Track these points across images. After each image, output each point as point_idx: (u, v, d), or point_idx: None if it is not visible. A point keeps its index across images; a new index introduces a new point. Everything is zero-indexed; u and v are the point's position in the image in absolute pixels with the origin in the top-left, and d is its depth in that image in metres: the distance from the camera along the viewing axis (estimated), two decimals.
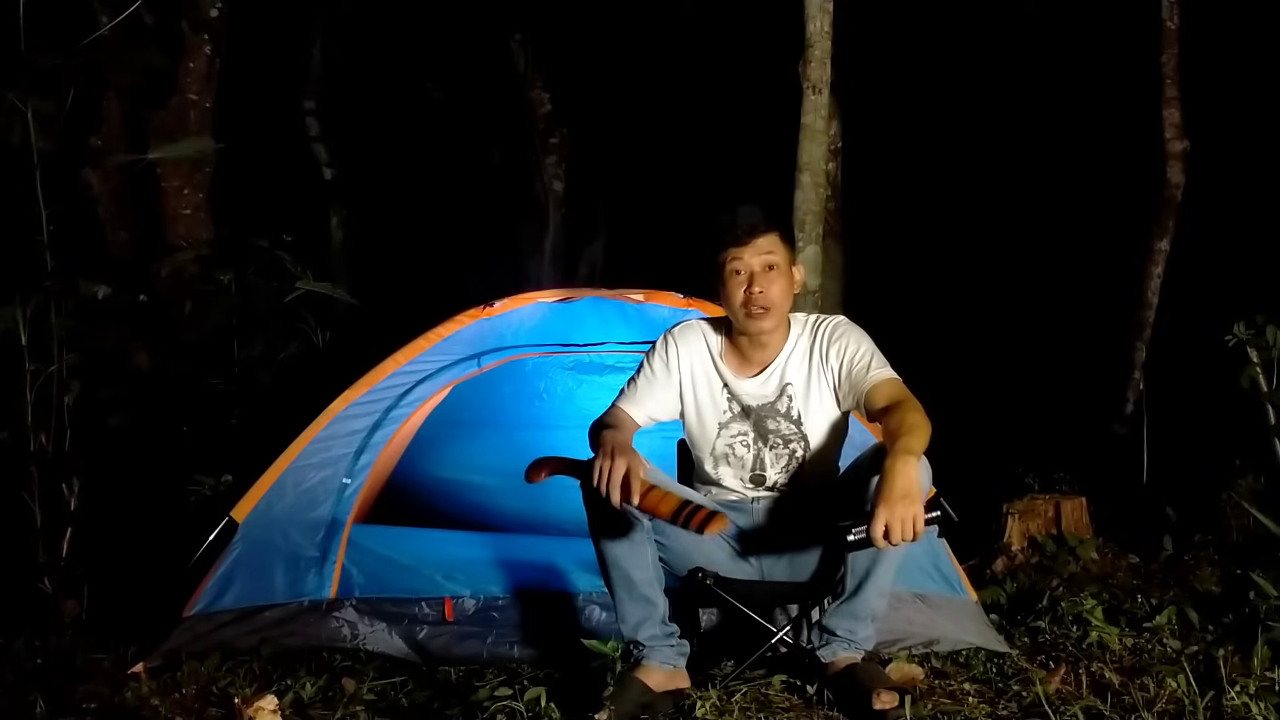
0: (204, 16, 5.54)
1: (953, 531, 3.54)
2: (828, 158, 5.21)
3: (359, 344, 4.52)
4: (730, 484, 2.91)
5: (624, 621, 2.77)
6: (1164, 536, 4.52)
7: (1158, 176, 6.58)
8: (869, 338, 2.82)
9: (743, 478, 2.89)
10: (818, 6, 4.86)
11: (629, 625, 2.76)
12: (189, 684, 2.91)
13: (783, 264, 2.74)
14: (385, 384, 3.52)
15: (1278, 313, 4.18)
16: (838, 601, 2.80)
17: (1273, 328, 4.13)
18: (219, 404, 4.85)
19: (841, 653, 2.80)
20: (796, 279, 2.79)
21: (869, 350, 2.78)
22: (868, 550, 2.49)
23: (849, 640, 2.80)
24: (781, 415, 2.83)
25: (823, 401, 2.82)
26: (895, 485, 2.35)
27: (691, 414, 2.89)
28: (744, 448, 2.86)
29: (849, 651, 2.80)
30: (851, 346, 2.78)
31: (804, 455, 2.85)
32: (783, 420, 2.83)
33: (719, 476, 2.91)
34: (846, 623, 2.79)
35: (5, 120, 3.78)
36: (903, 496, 2.33)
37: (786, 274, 2.74)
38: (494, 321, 3.65)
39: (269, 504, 3.34)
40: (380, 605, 3.29)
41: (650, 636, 2.76)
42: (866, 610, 2.78)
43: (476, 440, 4.32)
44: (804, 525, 2.84)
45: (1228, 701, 2.66)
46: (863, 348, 2.78)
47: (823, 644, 2.82)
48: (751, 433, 2.85)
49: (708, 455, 2.90)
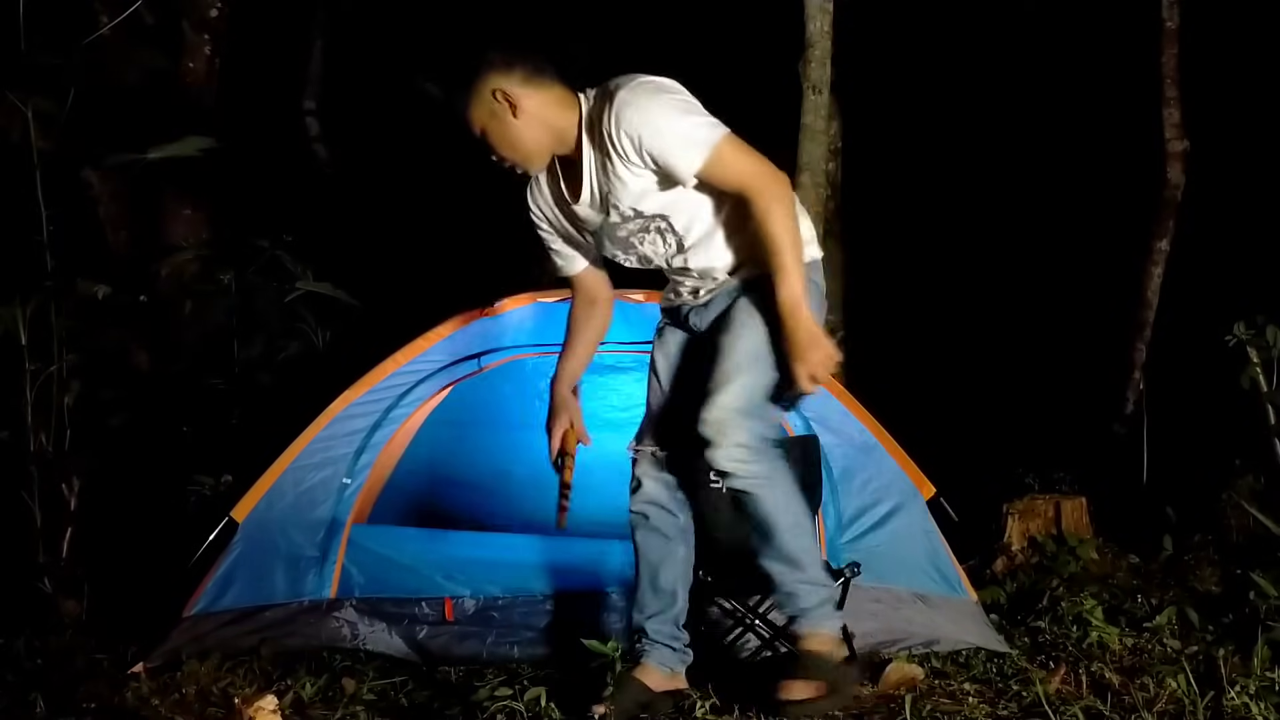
0: (204, 16, 5.53)
1: (953, 531, 3.58)
2: (828, 158, 5.23)
3: (359, 344, 4.52)
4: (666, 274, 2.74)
5: (639, 609, 2.76)
6: (1164, 536, 4.52)
7: (1158, 176, 6.59)
8: (663, 100, 2.41)
9: (660, 267, 2.70)
10: (818, 6, 4.86)
11: (643, 613, 2.75)
12: (189, 684, 2.90)
13: (489, 121, 2.46)
14: (385, 384, 3.52)
15: (1278, 313, 4.19)
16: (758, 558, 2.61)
17: (1273, 328, 4.14)
18: (219, 404, 4.85)
19: (800, 627, 2.58)
20: (521, 107, 2.44)
21: (667, 136, 2.38)
22: (749, 496, 2.50)
23: (792, 606, 2.59)
24: (624, 219, 2.56)
25: (653, 188, 2.50)
26: (800, 341, 2.42)
27: (586, 243, 2.73)
28: (632, 248, 2.64)
29: (803, 624, 2.58)
30: (647, 141, 2.38)
31: (678, 228, 2.56)
32: (632, 222, 2.56)
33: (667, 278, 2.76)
34: (779, 578, 2.57)
35: (5, 120, 3.78)
36: (810, 346, 2.41)
37: (500, 123, 2.45)
38: (494, 321, 3.65)
39: (269, 504, 3.34)
40: (380, 605, 3.29)
41: (657, 632, 2.75)
42: (792, 560, 2.53)
43: (476, 440, 4.31)
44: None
45: (1228, 701, 2.66)
46: (658, 142, 2.38)
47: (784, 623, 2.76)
48: (621, 238, 2.62)
49: (621, 259, 2.72)
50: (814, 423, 3.55)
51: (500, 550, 3.46)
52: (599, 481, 3.49)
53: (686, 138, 2.40)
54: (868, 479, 3.54)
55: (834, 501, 3.48)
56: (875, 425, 3.60)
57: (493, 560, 3.40)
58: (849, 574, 3.05)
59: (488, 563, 3.40)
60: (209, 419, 4.78)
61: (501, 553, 3.44)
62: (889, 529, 3.49)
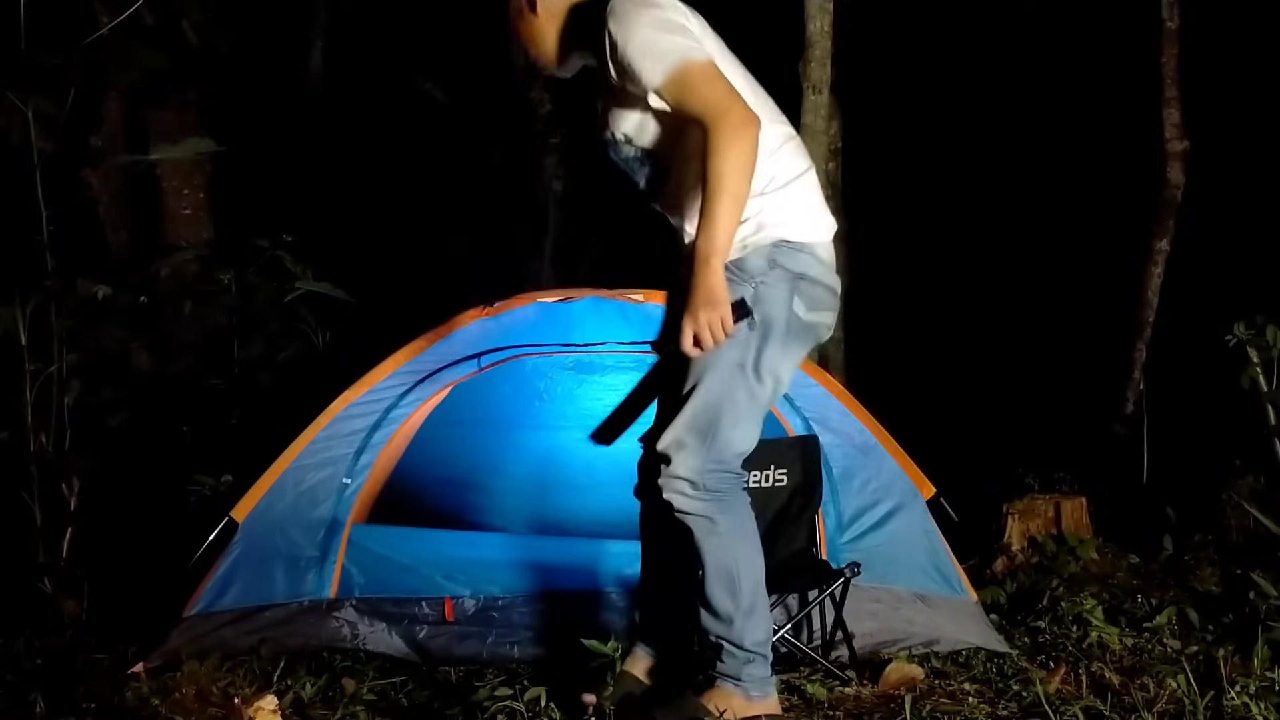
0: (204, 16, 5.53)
1: (953, 531, 3.58)
2: (828, 158, 5.23)
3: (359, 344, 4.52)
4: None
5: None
6: (1164, 536, 4.52)
7: (1158, 176, 6.59)
8: (646, 13, 2.27)
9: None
10: (818, 6, 4.86)
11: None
12: (189, 684, 2.90)
13: (517, 19, 2.49)
14: (385, 384, 3.51)
15: (1278, 313, 4.19)
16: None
17: (1273, 328, 4.14)
18: (219, 404, 4.85)
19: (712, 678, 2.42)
20: (540, 4, 2.44)
21: (633, 44, 2.25)
22: (689, 530, 2.32)
23: (713, 657, 2.41)
24: (616, 142, 2.47)
25: (633, 110, 2.39)
26: (697, 295, 2.20)
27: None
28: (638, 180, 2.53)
29: (713, 676, 2.41)
30: (619, 48, 2.27)
31: (650, 161, 2.46)
32: (623, 147, 2.46)
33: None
34: (703, 623, 2.41)
35: (5, 120, 3.78)
36: (706, 304, 2.20)
37: (524, 22, 2.47)
38: (494, 321, 3.65)
39: (269, 504, 3.34)
40: (380, 605, 3.29)
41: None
42: (714, 611, 2.37)
43: (476, 440, 4.31)
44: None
45: (1228, 701, 2.65)
46: (627, 50, 2.25)
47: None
48: (625, 161, 2.50)
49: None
50: (814, 423, 3.55)
51: (500, 550, 3.46)
52: (599, 481, 3.50)
53: (653, 49, 2.23)
54: (868, 479, 3.54)
55: (834, 501, 3.47)
56: (875, 425, 3.60)
57: (493, 560, 3.40)
58: (849, 574, 3.05)
59: (488, 563, 3.39)
60: (209, 419, 4.78)
61: (501, 553, 3.44)
62: (889, 529, 3.49)
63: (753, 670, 2.39)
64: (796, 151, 2.45)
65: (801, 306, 2.36)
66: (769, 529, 3.34)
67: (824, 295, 2.42)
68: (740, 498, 2.40)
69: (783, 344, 2.36)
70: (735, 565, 2.37)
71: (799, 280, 2.36)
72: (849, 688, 2.88)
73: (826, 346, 5.83)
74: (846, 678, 2.94)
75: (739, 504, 2.39)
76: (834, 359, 6.13)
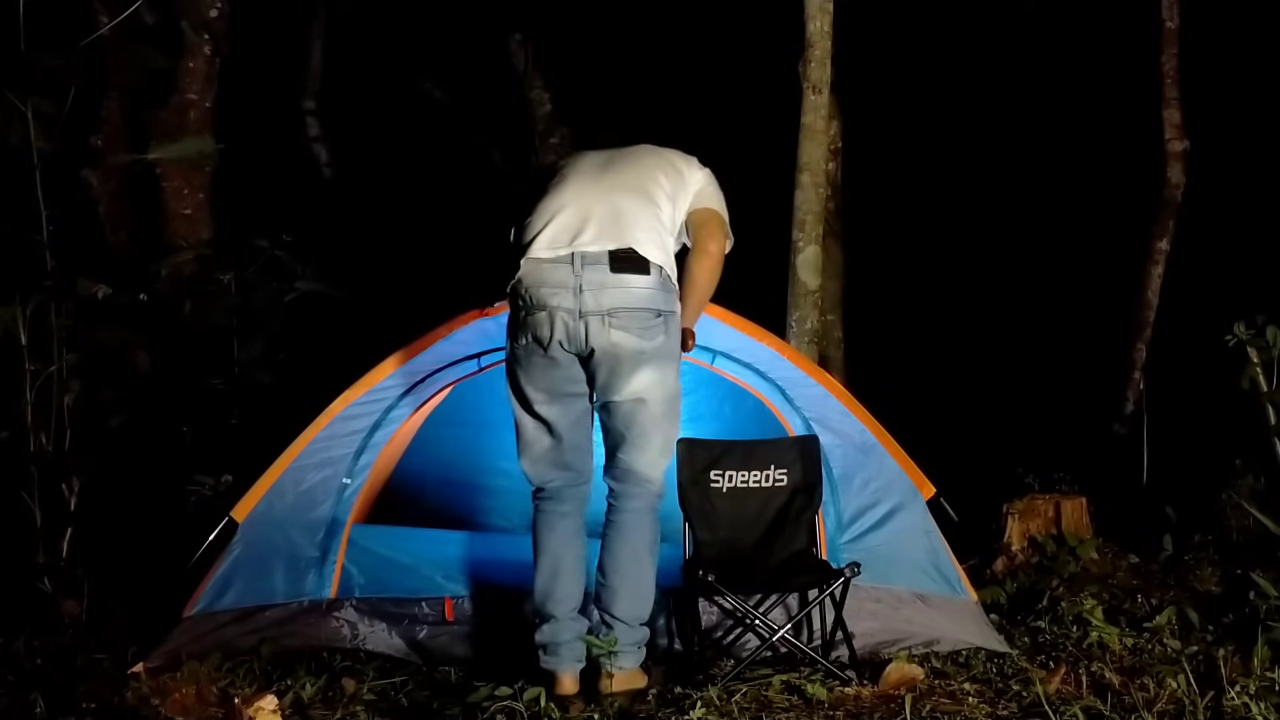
0: (204, 16, 5.53)
1: (953, 531, 3.58)
2: (828, 158, 5.21)
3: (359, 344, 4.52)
4: None
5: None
6: (1164, 536, 4.52)
7: (1158, 177, 6.59)
8: None
9: None
10: (818, 6, 4.85)
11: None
12: (189, 684, 2.90)
13: None
14: (385, 384, 3.52)
15: (1278, 313, 4.19)
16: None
17: (1273, 328, 4.14)
18: (219, 404, 4.85)
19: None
20: None
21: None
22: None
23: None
24: None
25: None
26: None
27: None
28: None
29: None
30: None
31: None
32: None
33: None
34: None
35: (5, 120, 3.78)
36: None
37: None
38: (494, 321, 3.64)
39: (269, 504, 3.34)
40: (380, 605, 3.29)
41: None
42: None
43: (476, 440, 4.31)
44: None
45: (1228, 701, 2.66)
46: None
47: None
48: None
49: None
50: (814, 423, 3.55)
51: (500, 550, 3.46)
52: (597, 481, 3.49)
53: None
54: (868, 479, 3.54)
55: (834, 501, 3.47)
56: (875, 425, 3.60)
57: (493, 560, 3.40)
58: (849, 574, 3.05)
59: (488, 563, 3.40)
60: (209, 419, 4.78)
61: (501, 553, 3.44)
62: (889, 529, 3.49)
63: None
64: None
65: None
66: (769, 529, 3.35)
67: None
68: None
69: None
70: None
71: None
72: (849, 688, 2.88)
73: (827, 346, 5.83)
74: (846, 678, 2.94)
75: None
76: (834, 359, 6.13)
